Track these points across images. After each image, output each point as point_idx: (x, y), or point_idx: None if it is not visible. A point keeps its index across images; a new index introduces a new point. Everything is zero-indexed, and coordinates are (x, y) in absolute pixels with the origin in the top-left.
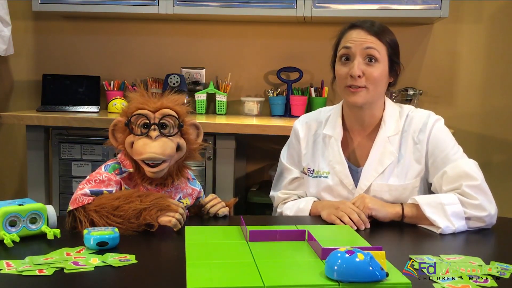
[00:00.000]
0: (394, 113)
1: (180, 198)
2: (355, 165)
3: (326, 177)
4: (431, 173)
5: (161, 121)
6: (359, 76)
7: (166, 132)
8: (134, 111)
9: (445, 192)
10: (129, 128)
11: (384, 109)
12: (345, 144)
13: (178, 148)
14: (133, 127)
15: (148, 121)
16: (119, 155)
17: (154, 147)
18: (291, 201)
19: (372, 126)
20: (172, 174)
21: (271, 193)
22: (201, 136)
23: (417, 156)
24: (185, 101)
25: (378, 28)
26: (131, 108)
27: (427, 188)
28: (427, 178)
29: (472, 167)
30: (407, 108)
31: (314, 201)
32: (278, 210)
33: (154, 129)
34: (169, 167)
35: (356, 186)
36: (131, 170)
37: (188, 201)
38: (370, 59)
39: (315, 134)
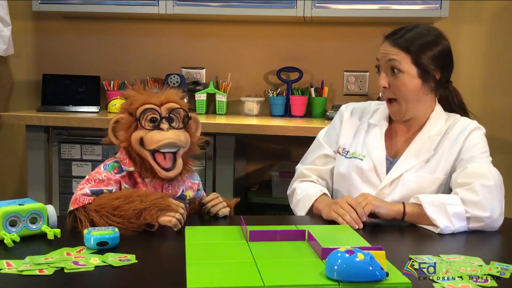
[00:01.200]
0: (440, 118)
1: (183, 190)
2: (391, 157)
3: (361, 159)
4: (456, 170)
5: (169, 115)
6: (385, 87)
7: (175, 126)
8: (139, 106)
9: (458, 184)
10: (140, 123)
11: (432, 110)
12: (388, 135)
13: None
14: (141, 121)
15: (155, 116)
16: (118, 154)
17: (169, 134)
18: (308, 181)
19: (417, 126)
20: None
21: (297, 166)
22: (200, 129)
23: (450, 154)
24: (183, 95)
25: (407, 38)
26: (135, 103)
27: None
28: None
29: (493, 172)
30: (454, 116)
31: (324, 194)
32: (294, 185)
33: (163, 123)
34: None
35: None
36: (131, 169)
37: (191, 194)
38: (393, 70)
39: (360, 120)
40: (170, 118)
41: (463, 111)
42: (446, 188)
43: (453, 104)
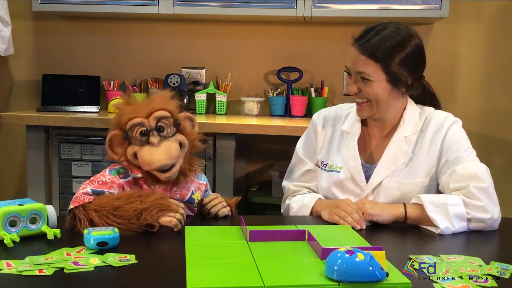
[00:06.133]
0: (414, 114)
1: (192, 192)
2: (369, 163)
3: (338, 172)
4: (442, 172)
5: (158, 124)
6: (356, 93)
7: (165, 134)
8: (127, 121)
9: (452, 190)
10: (129, 141)
11: (405, 109)
12: (363, 141)
13: (181, 145)
14: (131, 138)
15: (144, 128)
16: (125, 162)
17: (161, 154)
18: (300, 194)
19: (391, 127)
20: (184, 171)
21: (283, 183)
22: (196, 125)
23: (430, 155)
24: (171, 95)
25: (374, 44)
26: (123, 118)
27: (437, 188)
28: (437, 178)
29: (482, 170)
30: (428, 109)
31: (319, 198)
32: (287, 202)
33: (153, 135)
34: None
35: (367, 183)
36: (140, 175)
37: (199, 196)
38: (363, 78)
39: (333, 129)
40: (159, 128)
41: (435, 103)
42: (429, 189)
43: (425, 97)
